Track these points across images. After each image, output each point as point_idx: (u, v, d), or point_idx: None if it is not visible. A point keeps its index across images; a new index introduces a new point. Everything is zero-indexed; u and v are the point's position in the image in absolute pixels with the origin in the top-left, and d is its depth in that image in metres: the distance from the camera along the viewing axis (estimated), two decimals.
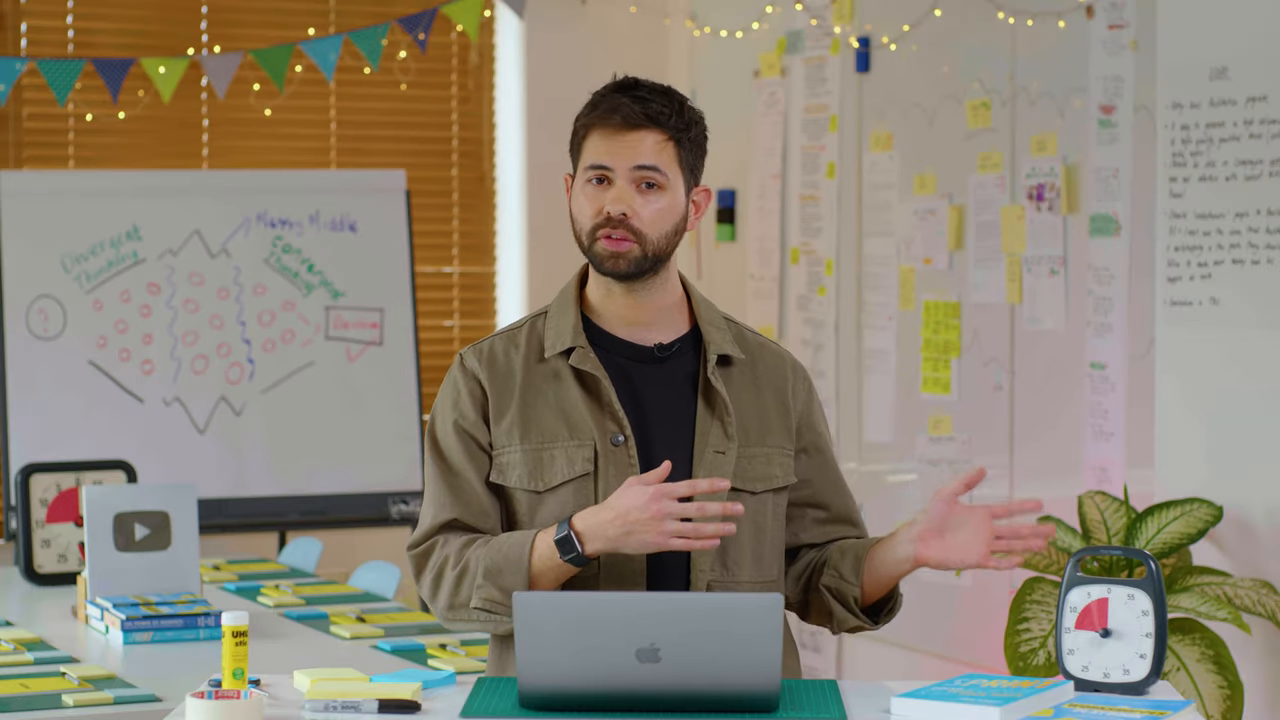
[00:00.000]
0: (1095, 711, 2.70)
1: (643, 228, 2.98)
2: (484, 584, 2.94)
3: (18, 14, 6.73)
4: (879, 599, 3.08)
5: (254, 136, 7.00)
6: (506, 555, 2.94)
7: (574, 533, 2.90)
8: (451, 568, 2.98)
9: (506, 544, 2.95)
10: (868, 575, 3.04)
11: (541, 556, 2.92)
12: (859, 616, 3.05)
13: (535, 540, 2.93)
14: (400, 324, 6.62)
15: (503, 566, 2.93)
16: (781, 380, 3.12)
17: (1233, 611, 4.44)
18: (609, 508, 2.90)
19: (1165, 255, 4.96)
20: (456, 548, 2.99)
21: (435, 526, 3.03)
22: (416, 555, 3.04)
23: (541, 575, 2.93)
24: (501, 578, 2.93)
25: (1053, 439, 5.51)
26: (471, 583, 2.95)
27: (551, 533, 2.93)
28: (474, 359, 3.08)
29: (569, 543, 2.90)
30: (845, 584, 3.05)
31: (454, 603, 2.98)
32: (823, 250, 6.46)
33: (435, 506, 3.05)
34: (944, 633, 5.88)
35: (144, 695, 3.70)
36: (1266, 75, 4.72)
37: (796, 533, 3.14)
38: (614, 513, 2.89)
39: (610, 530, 2.89)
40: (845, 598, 3.05)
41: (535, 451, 3.00)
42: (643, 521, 2.87)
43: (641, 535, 2.87)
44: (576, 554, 2.90)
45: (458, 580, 2.97)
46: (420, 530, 3.05)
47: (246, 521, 6.44)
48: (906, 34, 6.05)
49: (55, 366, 6.29)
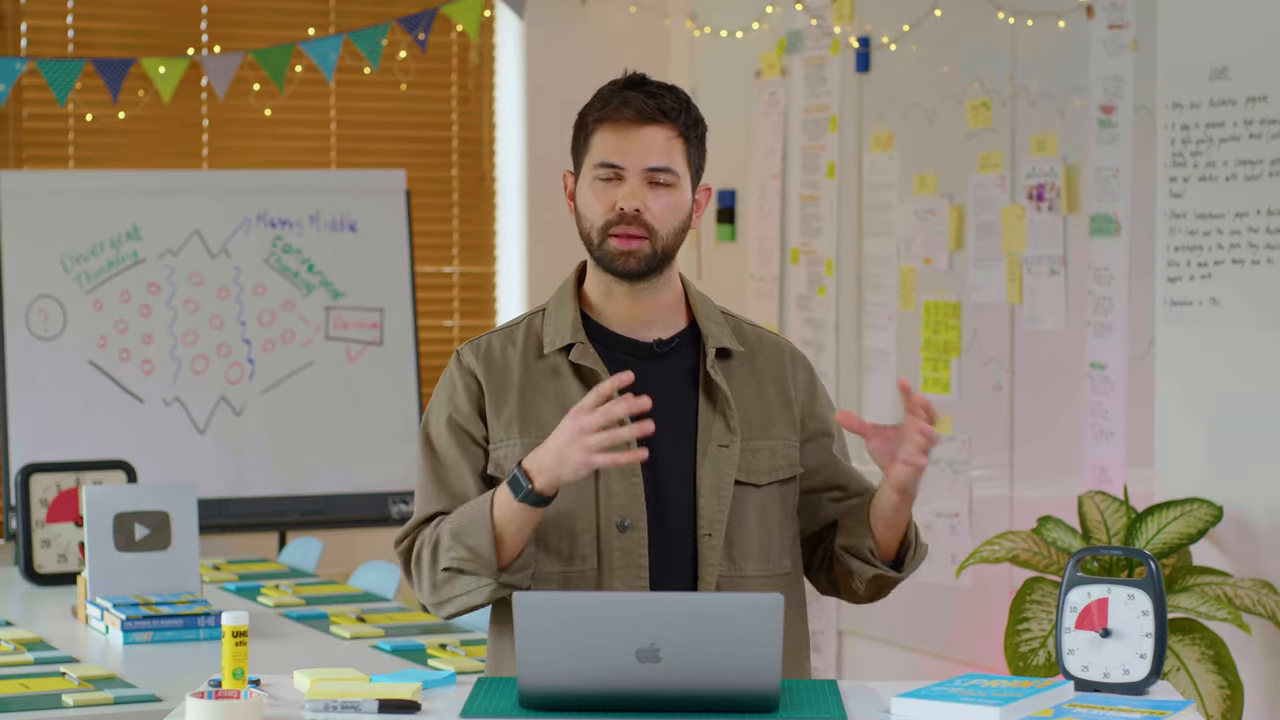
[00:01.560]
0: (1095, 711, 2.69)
1: (655, 223, 2.99)
2: (452, 544, 2.94)
3: (18, 14, 6.73)
4: (899, 549, 3.07)
5: (254, 136, 7.00)
6: (470, 514, 2.95)
7: (522, 470, 2.90)
8: (427, 548, 2.99)
9: (470, 506, 2.97)
10: (877, 527, 3.03)
11: (501, 505, 2.92)
12: (879, 565, 3.04)
13: (495, 493, 2.94)
14: (400, 324, 6.62)
15: (467, 526, 2.94)
16: (781, 370, 3.12)
17: (1233, 611, 4.44)
18: (546, 442, 2.91)
19: (1165, 255, 4.96)
20: (430, 529, 3.00)
21: (419, 521, 3.05)
22: (402, 551, 3.05)
23: (505, 524, 2.92)
24: (468, 536, 2.93)
25: (1053, 439, 5.51)
26: (443, 549, 2.96)
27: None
28: (471, 355, 3.08)
29: (517, 481, 2.90)
30: (856, 538, 3.04)
31: (435, 583, 2.98)
32: (823, 250, 6.46)
33: (423, 501, 3.06)
34: (944, 633, 5.88)
35: (144, 695, 3.70)
36: (1266, 75, 4.72)
37: (818, 517, 3.13)
38: (547, 447, 2.90)
39: (547, 460, 2.89)
40: (860, 551, 3.04)
41: (534, 446, 3.00)
42: (566, 444, 2.87)
43: (569, 459, 2.86)
44: (527, 491, 2.89)
45: (432, 557, 2.98)
46: (406, 525, 3.06)
47: (246, 521, 6.44)
48: (906, 34, 6.05)
49: (55, 366, 6.29)
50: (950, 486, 5.85)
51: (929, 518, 5.90)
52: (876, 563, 3.04)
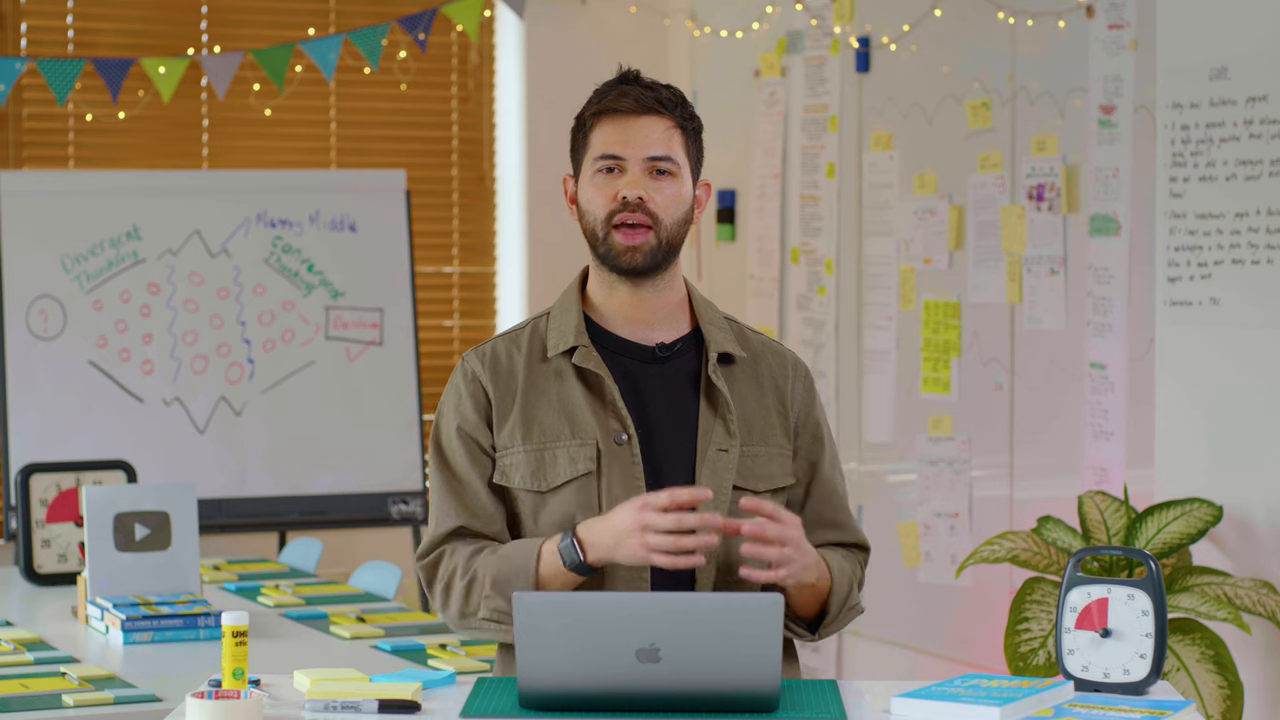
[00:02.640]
0: (1095, 711, 2.69)
1: (658, 212, 3.00)
2: (491, 594, 2.94)
3: (18, 14, 6.73)
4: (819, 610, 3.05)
5: (254, 136, 7.00)
6: (514, 564, 2.94)
7: (576, 540, 2.91)
8: (460, 577, 2.98)
9: (514, 553, 2.95)
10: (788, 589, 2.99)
11: (547, 565, 2.93)
12: (788, 626, 3.01)
13: (541, 549, 2.94)
14: (400, 324, 6.62)
15: (510, 576, 2.93)
16: (783, 379, 3.12)
17: (1233, 611, 4.44)
18: (605, 518, 2.91)
19: (1165, 255, 4.96)
20: (464, 557, 2.99)
21: (442, 536, 3.04)
22: (425, 566, 3.05)
23: (548, 584, 2.93)
24: (509, 587, 2.93)
25: (1053, 439, 5.51)
26: (480, 593, 2.96)
27: (556, 540, 2.93)
28: (476, 362, 3.08)
29: (572, 550, 2.90)
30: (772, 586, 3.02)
31: (465, 611, 2.99)
32: (823, 250, 6.46)
33: (441, 515, 3.05)
34: (944, 633, 5.88)
35: (144, 695, 3.70)
36: (1266, 75, 4.72)
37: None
38: (607, 523, 2.90)
39: (604, 540, 2.90)
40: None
41: (537, 451, 3.00)
42: (626, 533, 2.87)
43: (626, 547, 2.87)
44: (579, 562, 2.90)
45: (466, 590, 2.97)
46: (427, 540, 3.06)
47: (246, 521, 6.44)
48: (906, 34, 6.05)
49: (55, 366, 6.29)
50: (950, 486, 5.85)
51: (929, 518, 5.91)
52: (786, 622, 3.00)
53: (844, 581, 3.04)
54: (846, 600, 3.04)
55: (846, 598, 3.05)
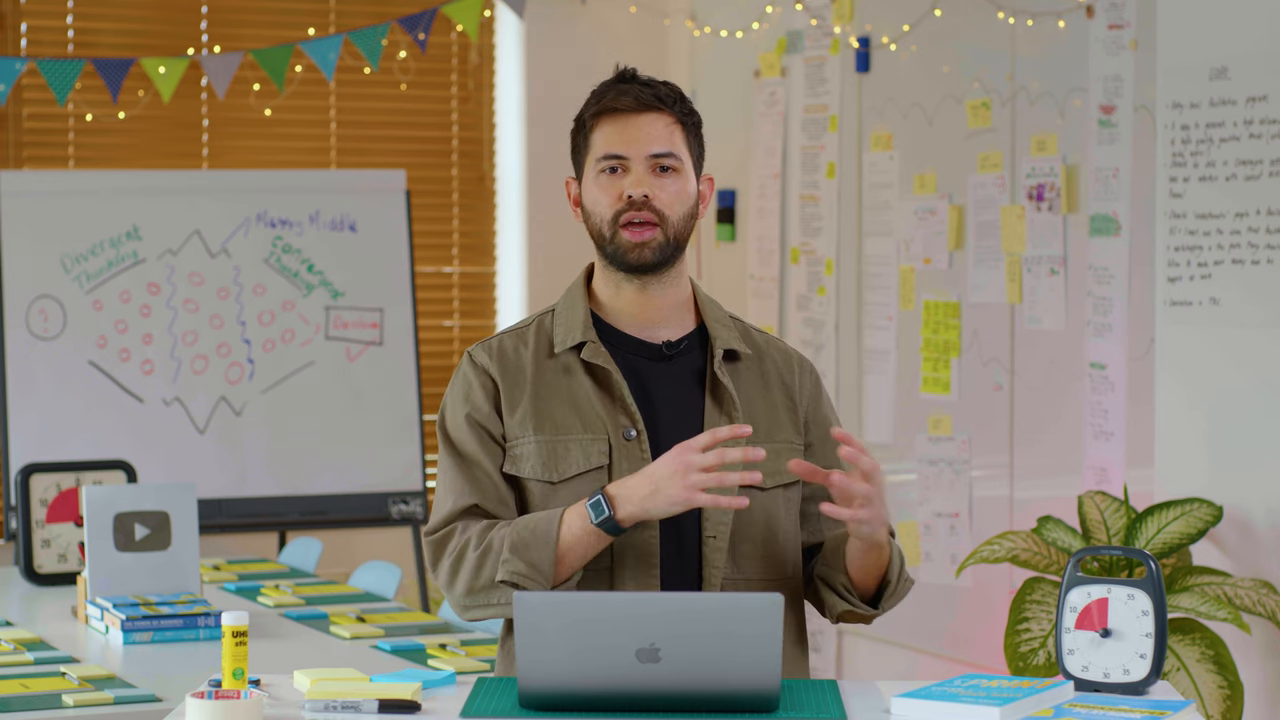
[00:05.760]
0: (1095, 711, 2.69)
1: (664, 209, 3.01)
2: (510, 558, 2.93)
3: (18, 14, 6.73)
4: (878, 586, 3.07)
5: (254, 136, 7.00)
6: (534, 530, 2.94)
7: (606, 496, 2.91)
8: (473, 549, 2.97)
9: (534, 519, 2.96)
10: (851, 567, 3.03)
11: (571, 528, 2.92)
12: (850, 601, 3.05)
13: (565, 513, 2.94)
14: (400, 324, 6.62)
15: (530, 541, 2.93)
16: (789, 375, 3.13)
17: (1233, 611, 4.44)
18: (640, 471, 2.92)
19: (1165, 255, 4.96)
20: (478, 531, 2.99)
21: (455, 511, 3.02)
22: (434, 541, 3.03)
23: (570, 549, 2.92)
24: (529, 552, 2.92)
25: (1053, 439, 5.51)
26: (496, 559, 2.94)
27: (581, 506, 2.93)
28: (484, 354, 3.09)
29: (601, 505, 2.90)
30: (831, 569, 3.06)
31: (473, 586, 2.97)
32: (823, 250, 6.46)
33: (454, 494, 3.04)
34: (944, 633, 5.88)
35: (144, 695, 3.70)
36: (1266, 75, 4.72)
37: (816, 530, 3.13)
38: (644, 473, 2.91)
39: (640, 490, 2.90)
40: (833, 583, 3.06)
41: (550, 443, 3.00)
42: (667, 477, 2.88)
43: (667, 491, 2.88)
44: (608, 516, 2.90)
45: (480, 561, 2.96)
46: (439, 516, 3.04)
47: (246, 521, 6.44)
48: (906, 34, 6.05)
49: (55, 366, 6.29)
50: (950, 486, 5.85)
51: (929, 518, 5.91)
52: (849, 598, 3.05)
53: (897, 552, 3.07)
54: (902, 570, 3.07)
55: (902, 567, 3.08)
